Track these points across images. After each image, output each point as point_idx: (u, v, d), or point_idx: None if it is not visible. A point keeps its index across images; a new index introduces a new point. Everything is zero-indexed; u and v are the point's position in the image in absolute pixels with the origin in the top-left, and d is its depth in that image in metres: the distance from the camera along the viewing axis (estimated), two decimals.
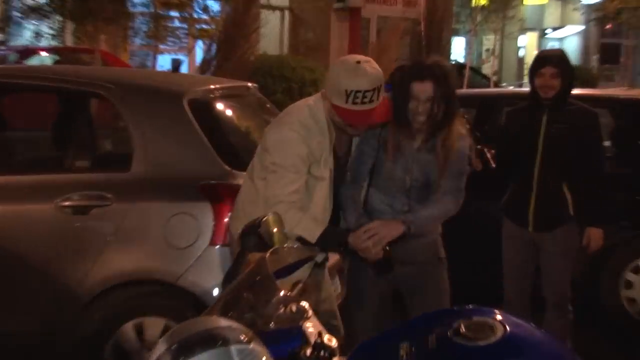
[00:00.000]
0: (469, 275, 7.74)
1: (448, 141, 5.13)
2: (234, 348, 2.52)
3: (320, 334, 2.93)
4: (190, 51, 16.46)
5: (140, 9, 16.46)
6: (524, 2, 33.20)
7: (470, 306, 3.37)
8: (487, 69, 30.02)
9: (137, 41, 17.07)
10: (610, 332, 8.22)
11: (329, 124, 4.97)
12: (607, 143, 8.67)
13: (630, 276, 8.24)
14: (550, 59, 6.63)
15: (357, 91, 4.80)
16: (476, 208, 6.58)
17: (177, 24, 16.84)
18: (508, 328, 3.05)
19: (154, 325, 5.62)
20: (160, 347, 2.61)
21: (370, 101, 4.83)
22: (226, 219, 5.51)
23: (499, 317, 3.14)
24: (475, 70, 25.53)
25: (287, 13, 24.64)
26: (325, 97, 4.97)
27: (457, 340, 3.00)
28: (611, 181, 6.89)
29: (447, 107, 5.03)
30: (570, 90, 6.63)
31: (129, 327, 5.65)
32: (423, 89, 4.97)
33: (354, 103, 4.81)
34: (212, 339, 2.52)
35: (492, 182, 7.00)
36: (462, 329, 3.03)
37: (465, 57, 29.47)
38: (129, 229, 5.68)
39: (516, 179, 6.80)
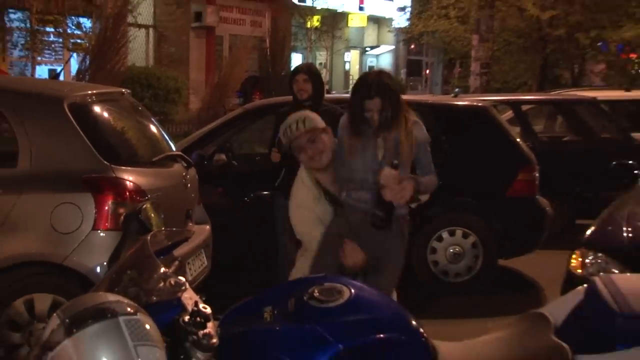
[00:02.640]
0: None
1: (405, 129, 5.20)
2: (122, 319, 2.48)
3: (196, 303, 2.88)
4: (65, 63, 15.98)
5: (17, 24, 15.86)
6: (349, 25, 33.49)
7: (322, 275, 3.48)
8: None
9: (16, 53, 16.48)
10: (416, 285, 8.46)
11: None
12: None
13: (434, 244, 8.50)
14: (301, 69, 7.16)
15: None
16: None
17: (52, 38, 16.34)
18: (353, 291, 3.10)
19: (42, 300, 5.50)
20: (54, 322, 2.51)
21: None
22: (106, 207, 5.46)
23: (347, 282, 3.18)
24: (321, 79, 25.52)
25: (152, 30, 24.34)
26: None
27: (311, 303, 3.03)
28: None
29: (393, 108, 5.14)
30: (322, 94, 7.12)
31: (19, 303, 5.51)
32: (374, 104, 5.05)
33: None
34: (102, 312, 2.47)
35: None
36: (316, 293, 3.06)
37: None
38: (18, 217, 5.51)
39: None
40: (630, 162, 7.21)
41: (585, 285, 3.36)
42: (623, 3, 19.06)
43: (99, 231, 5.47)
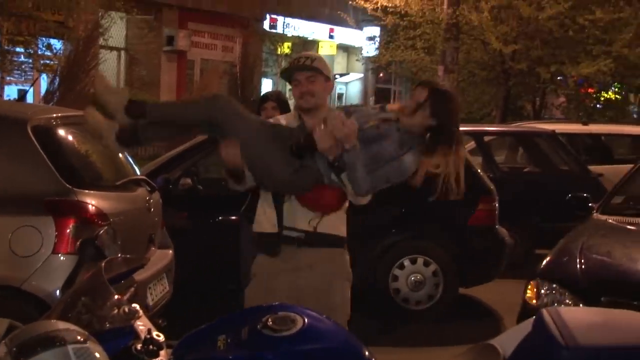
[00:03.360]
0: None
1: None
2: (70, 347, 2.46)
3: (149, 331, 2.88)
4: (33, 83, 15.91)
5: None
6: (317, 51, 33.57)
7: (277, 303, 3.43)
8: (291, 106, 30.08)
9: None
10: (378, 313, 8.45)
11: None
12: None
13: (396, 271, 8.50)
14: (270, 96, 7.23)
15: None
16: None
17: (22, 58, 16.24)
18: (306, 320, 3.08)
19: (0, 325, 5.36)
20: (2, 350, 2.50)
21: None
22: (67, 230, 5.42)
23: (301, 311, 3.16)
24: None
25: (123, 53, 24.31)
26: None
27: (264, 332, 3.01)
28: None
29: None
30: None
31: None
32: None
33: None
34: (51, 341, 2.46)
35: None
36: (269, 322, 3.04)
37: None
38: None
39: None
40: (585, 195, 7.25)
41: (533, 317, 3.39)
42: (582, 40, 19.25)
43: (59, 255, 5.40)
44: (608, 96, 25.63)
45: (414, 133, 4.42)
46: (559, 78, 21.46)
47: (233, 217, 7.54)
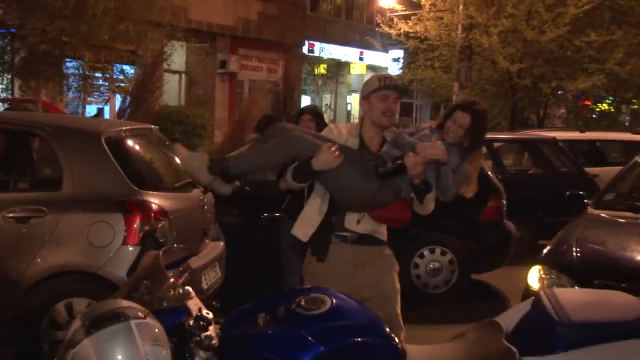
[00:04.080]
0: None
1: None
2: (133, 322, 2.55)
3: (200, 309, 2.93)
4: (105, 102, 16.15)
5: (72, 70, 16.03)
6: (350, 72, 33.63)
7: (310, 287, 3.53)
8: (326, 118, 30.14)
9: (70, 94, 16.60)
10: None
11: None
12: None
13: (417, 260, 8.52)
14: (307, 110, 7.10)
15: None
16: None
17: (100, 82, 16.48)
18: (334, 301, 3.10)
19: (80, 304, 5.56)
20: (76, 324, 2.59)
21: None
22: (135, 225, 5.54)
23: (329, 293, 3.17)
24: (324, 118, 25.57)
25: (184, 76, 24.59)
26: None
27: (298, 311, 3.03)
28: None
29: None
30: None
31: (60, 306, 5.61)
32: None
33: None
34: (117, 316, 2.55)
35: None
36: (302, 302, 3.07)
37: None
38: (60, 233, 5.60)
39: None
40: (581, 192, 7.22)
41: (532, 297, 3.38)
42: (579, 59, 19.14)
43: (128, 246, 5.52)
44: (603, 108, 25.48)
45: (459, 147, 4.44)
46: (559, 92, 21.38)
47: (276, 215, 7.58)
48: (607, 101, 25.13)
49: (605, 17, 19.18)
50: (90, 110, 18.02)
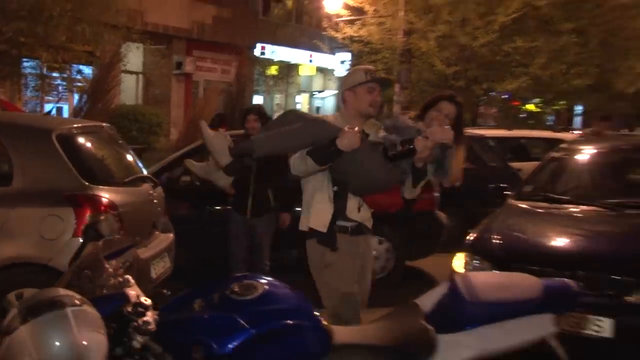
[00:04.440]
0: None
1: None
2: (69, 310, 2.51)
3: (138, 297, 2.94)
4: (68, 101, 15.88)
5: (30, 70, 15.72)
6: (300, 74, 33.56)
7: (243, 274, 3.43)
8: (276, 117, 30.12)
9: (28, 93, 16.33)
10: None
11: None
12: None
13: None
14: (252, 110, 7.38)
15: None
16: None
17: (58, 82, 16.20)
18: (266, 287, 3.11)
19: (30, 294, 5.39)
20: (13, 312, 2.58)
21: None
22: (85, 218, 5.46)
23: (261, 280, 3.18)
24: (269, 117, 25.45)
25: (140, 76, 24.32)
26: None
27: (232, 296, 3.03)
28: None
29: None
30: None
31: (12, 296, 5.37)
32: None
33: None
34: (53, 304, 2.52)
35: None
36: (236, 288, 3.06)
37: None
38: (12, 226, 5.49)
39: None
40: (502, 185, 7.34)
41: (448, 281, 3.46)
42: (506, 63, 19.45)
43: (79, 238, 5.33)
44: (529, 108, 25.87)
45: None
46: (490, 93, 21.64)
47: (225, 208, 7.58)
48: (534, 102, 25.52)
49: (530, 25, 19.44)
50: (49, 108, 17.78)
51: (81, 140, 6.14)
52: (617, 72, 21.45)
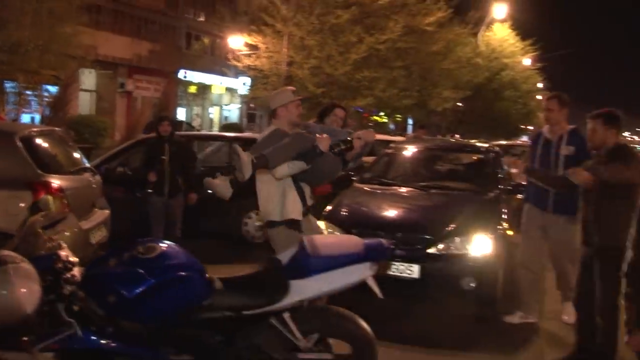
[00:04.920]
0: None
1: None
2: (10, 266, 2.46)
3: (67, 257, 2.85)
4: (18, 112, 15.32)
5: (10, 89, 15.03)
6: (212, 92, 32.97)
7: (150, 238, 3.31)
8: (196, 124, 29.56)
9: (9, 107, 15.47)
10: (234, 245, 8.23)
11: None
12: None
13: (246, 220, 8.36)
14: (165, 118, 7.18)
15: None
16: None
17: (31, 98, 15.51)
18: (164, 248, 3.04)
19: None
20: None
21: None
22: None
23: (161, 243, 3.10)
24: (189, 124, 24.99)
25: (94, 94, 23.57)
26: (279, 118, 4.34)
27: (137, 255, 2.97)
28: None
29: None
30: (174, 132, 7.09)
31: None
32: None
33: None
34: None
35: None
36: (140, 249, 3.00)
37: (186, 118, 28.88)
38: None
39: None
40: (350, 172, 7.33)
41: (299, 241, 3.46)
42: (358, 87, 19.66)
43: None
44: (377, 119, 26.40)
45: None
46: (349, 108, 21.93)
47: (146, 191, 7.29)
48: (380, 114, 26.08)
49: (374, 61, 19.68)
50: (26, 118, 17.02)
51: (38, 140, 5.82)
52: (431, 96, 22.18)
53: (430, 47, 20.74)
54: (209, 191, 4.74)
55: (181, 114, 29.19)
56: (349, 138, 4.42)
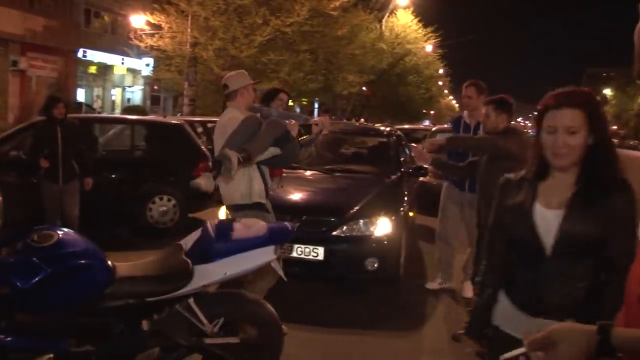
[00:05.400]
0: None
1: None
2: None
3: None
4: None
5: None
6: (114, 72, 31.60)
7: (45, 225, 3.15)
8: (96, 106, 28.31)
9: None
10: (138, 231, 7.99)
11: None
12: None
13: (150, 205, 8.24)
14: (60, 99, 6.59)
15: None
16: None
17: None
18: (60, 235, 2.92)
19: None
20: None
21: None
22: None
23: (57, 230, 2.99)
24: (89, 106, 23.85)
25: None
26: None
27: (32, 244, 2.84)
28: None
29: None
30: (66, 114, 6.58)
31: None
32: None
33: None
34: None
35: None
36: (35, 237, 2.88)
37: (85, 99, 27.54)
38: None
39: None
40: None
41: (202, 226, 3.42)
42: (264, 69, 19.45)
43: None
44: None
45: None
46: (255, 91, 21.70)
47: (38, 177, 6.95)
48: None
49: (279, 44, 19.61)
50: None
51: None
52: (336, 80, 22.43)
53: (335, 31, 20.92)
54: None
55: (81, 95, 27.82)
56: (307, 123, 4.60)
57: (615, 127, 79.74)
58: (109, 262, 3.03)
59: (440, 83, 46.24)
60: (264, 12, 18.49)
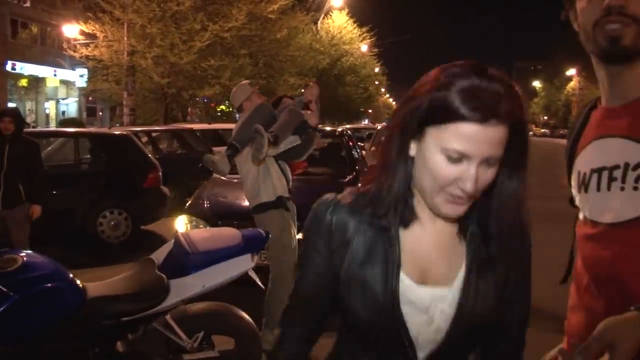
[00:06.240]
0: None
1: None
2: None
3: None
4: None
5: None
6: (47, 85, 30.51)
7: (5, 249, 2.92)
8: (29, 120, 27.26)
9: None
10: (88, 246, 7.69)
11: None
12: None
13: (100, 220, 8.07)
14: (8, 112, 5.81)
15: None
16: None
17: None
18: (25, 259, 2.75)
19: None
20: None
21: None
22: None
23: (21, 253, 2.81)
24: (23, 120, 22.80)
25: None
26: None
27: None
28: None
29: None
30: (22, 130, 5.78)
31: None
32: None
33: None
34: None
35: None
36: None
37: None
38: None
39: None
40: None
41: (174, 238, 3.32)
42: (205, 76, 19.29)
43: None
44: (222, 108, 26.13)
45: None
46: (195, 98, 21.43)
47: None
48: (226, 104, 25.80)
49: (219, 50, 19.37)
50: None
51: None
52: (278, 83, 22.34)
53: (274, 34, 20.84)
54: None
55: (13, 107, 26.74)
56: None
57: (545, 118, 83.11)
58: (79, 283, 2.86)
59: (377, 82, 46.85)
60: (202, 17, 18.24)
